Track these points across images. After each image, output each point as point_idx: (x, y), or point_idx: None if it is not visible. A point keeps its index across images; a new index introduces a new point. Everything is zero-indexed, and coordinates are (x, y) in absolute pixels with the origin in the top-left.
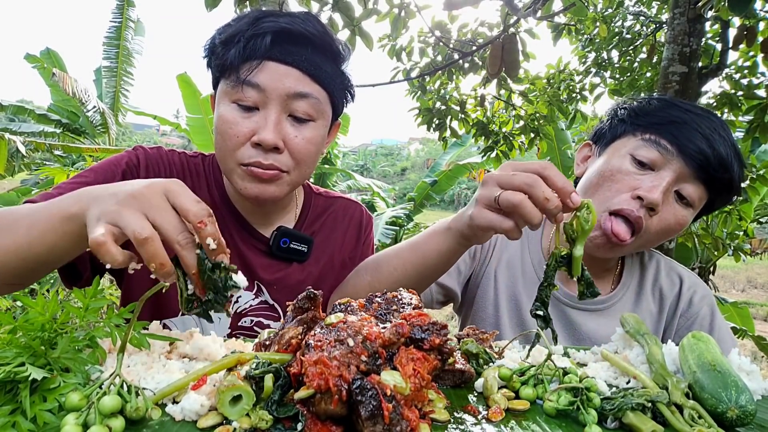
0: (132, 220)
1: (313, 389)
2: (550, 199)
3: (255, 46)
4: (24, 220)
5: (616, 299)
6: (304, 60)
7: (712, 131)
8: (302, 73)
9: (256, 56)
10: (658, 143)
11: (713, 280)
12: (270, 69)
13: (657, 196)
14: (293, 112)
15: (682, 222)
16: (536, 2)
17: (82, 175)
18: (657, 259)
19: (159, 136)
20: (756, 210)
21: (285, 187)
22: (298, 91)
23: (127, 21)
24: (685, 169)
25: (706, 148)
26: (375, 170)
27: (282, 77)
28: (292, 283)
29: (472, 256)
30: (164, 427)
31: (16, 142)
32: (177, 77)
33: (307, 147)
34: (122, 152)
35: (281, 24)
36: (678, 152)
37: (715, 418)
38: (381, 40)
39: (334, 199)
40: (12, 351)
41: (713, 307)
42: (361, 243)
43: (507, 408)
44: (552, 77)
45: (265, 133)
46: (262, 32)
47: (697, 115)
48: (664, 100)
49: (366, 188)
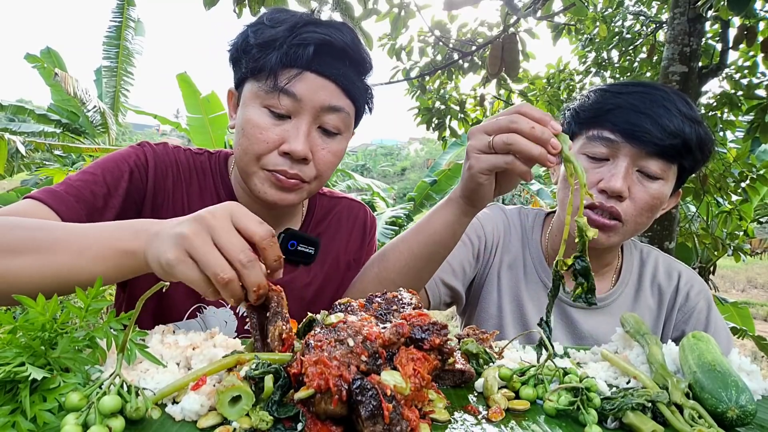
0: (212, 260)
1: (313, 389)
2: (535, 128)
3: (297, 55)
4: (70, 243)
5: (615, 296)
6: (341, 74)
7: (652, 104)
8: (337, 87)
9: (298, 65)
10: (601, 137)
11: (713, 280)
12: (309, 80)
13: (618, 185)
14: (323, 125)
15: (659, 195)
16: (536, 2)
17: (88, 171)
18: (656, 256)
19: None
20: (756, 210)
21: (303, 195)
22: (332, 105)
23: (128, 21)
24: (635, 150)
25: (648, 125)
26: (375, 170)
27: (319, 89)
28: (298, 287)
29: (476, 257)
30: (164, 427)
31: (16, 142)
32: (177, 77)
33: (331, 160)
34: (128, 148)
35: (324, 35)
36: (623, 138)
37: (716, 418)
38: (381, 40)
39: (338, 199)
40: (12, 351)
41: (710, 302)
42: (366, 244)
43: (507, 408)
44: (552, 77)
45: (297, 144)
46: (305, 42)
47: (632, 93)
48: (598, 90)
49: (366, 188)
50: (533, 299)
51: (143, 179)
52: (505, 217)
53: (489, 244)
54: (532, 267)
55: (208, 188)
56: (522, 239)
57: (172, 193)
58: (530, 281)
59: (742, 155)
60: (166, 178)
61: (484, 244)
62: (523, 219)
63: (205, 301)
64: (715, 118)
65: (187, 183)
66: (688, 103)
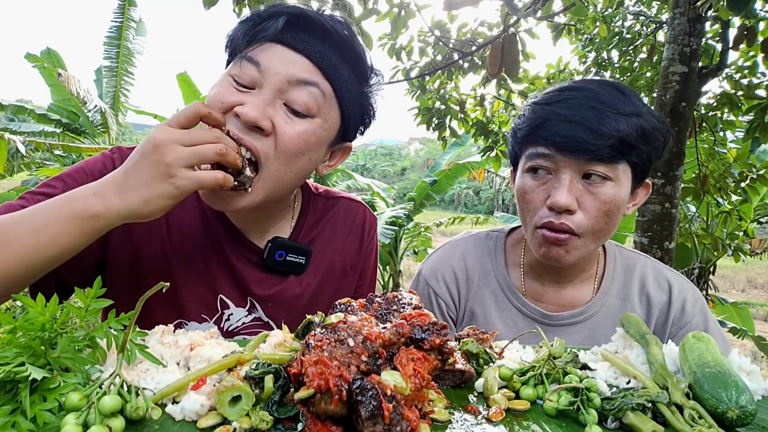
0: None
1: (314, 389)
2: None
3: (265, 27)
4: (21, 228)
5: (597, 307)
6: (317, 52)
7: (580, 109)
8: (312, 63)
9: (265, 38)
10: (538, 154)
11: (713, 280)
12: (276, 51)
13: (562, 200)
14: (290, 103)
15: (611, 199)
16: (536, 2)
17: (49, 184)
18: (644, 263)
19: None
20: (756, 210)
21: (258, 192)
22: (301, 78)
23: (129, 21)
24: (572, 161)
25: (578, 133)
26: (375, 170)
27: (287, 63)
28: (288, 298)
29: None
30: (164, 427)
31: (16, 141)
32: (177, 76)
33: (296, 141)
34: (98, 155)
35: (301, 9)
36: (557, 151)
37: (716, 418)
38: (381, 40)
39: (336, 199)
40: (12, 351)
41: (706, 313)
42: (364, 249)
43: (507, 408)
44: (552, 77)
45: (248, 109)
46: (276, 13)
47: (560, 102)
48: (530, 105)
49: (366, 188)
50: (509, 327)
51: None
52: (451, 270)
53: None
54: (503, 295)
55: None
56: (484, 273)
57: None
58: (503, 309)
59: (742, 155)
60: None
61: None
62: (489, 245)
63: (186, 316)
64: (715, 118)
65: None
66: (624, 95)
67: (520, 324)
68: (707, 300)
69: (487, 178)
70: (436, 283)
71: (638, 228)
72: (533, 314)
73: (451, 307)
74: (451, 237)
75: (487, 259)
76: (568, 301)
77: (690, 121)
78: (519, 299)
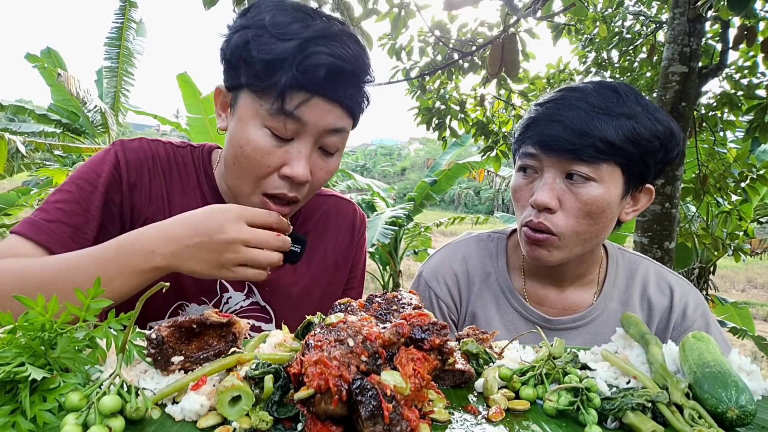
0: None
1: (313, 389)
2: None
3: (307, 80)
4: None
5: (598, 311)
6: (348, 97)
7: (563, 109)
8: (343, 110)
9: (307, 89)
10: (526, 153)
11: (713, 280)
12: (317, 105)
13: (542, 198)
14: (324, 146)
15: (593, 200)
16: (536, 2)
17: (63, 189)
18: (646, 267)
19: (159, 135)
20: (756, 210)
21: (293, 211)
22: (336, 128)
23: (129, 22)
24: (554, 160)
25: (558, 132)
26: (375, 170)
27: (325, 114)
28: (284, 285)
29: (452, 320)
30: (164, 427)
31: (16, 142)
32: (177, 77)
33: (326, 178)
34: (101, 151)
35: (335, 60)
36: (540, 150)
37: (716, 418)
38: (381, 40)
39: (326, 197)
40: (12, 351)
41: (707, 317)
42: (355, 244)
43: (507, 408)
44: (552, 77)
45: (299, 169)
46: (316, 65)
47: (549, 102)
48: (532, 106)
49: (366, 188)
50: (510, 330)
51: (117, 181)
52: (453, 272)
53: (453, 306)
54: (504, 298)
55: (191, 182)
56: (485, 275)
57: (149, 188)
58: (504, 312)
59: (742, 155)
60: (142, 175)
61: (449, 310)
62: (491, 247)
63: (186, 298)
64: (715, 118)
65: (167, 177)
66: (619, 96)
67: (521, 327)
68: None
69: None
70: (437, 285)
71: (638, 228)
72: (534, 318)
73: (452, 309)
74: (451, 237)
75: (489, 261)
76: (570, 305)
77: (690, 121)
78: (520, 302)
